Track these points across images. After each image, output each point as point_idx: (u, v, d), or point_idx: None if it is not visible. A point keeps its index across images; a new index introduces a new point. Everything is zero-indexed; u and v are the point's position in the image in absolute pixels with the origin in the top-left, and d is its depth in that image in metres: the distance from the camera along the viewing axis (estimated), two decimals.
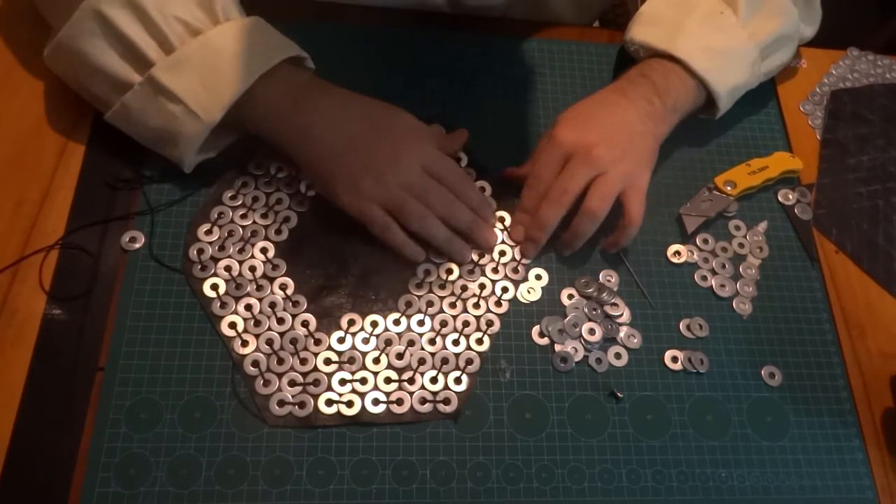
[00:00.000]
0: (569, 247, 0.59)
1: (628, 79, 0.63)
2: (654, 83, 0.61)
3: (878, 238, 0.66)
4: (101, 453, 0.48)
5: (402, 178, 0.54)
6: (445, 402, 0.53)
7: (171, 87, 0.51)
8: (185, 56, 0.51)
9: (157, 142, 0.54)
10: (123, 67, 0.52)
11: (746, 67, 0.64)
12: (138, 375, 0.51)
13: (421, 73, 0.67)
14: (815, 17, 0.69)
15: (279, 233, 0.57)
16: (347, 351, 0.54)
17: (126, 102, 0.52)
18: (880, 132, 0.73)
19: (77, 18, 0.50)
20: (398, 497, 0.50)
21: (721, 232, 0.64)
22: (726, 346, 0.59)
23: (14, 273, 0.52)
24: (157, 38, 0.51)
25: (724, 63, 0.63)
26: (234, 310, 0.54)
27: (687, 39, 0.62)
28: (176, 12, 0.51)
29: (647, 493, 0.53)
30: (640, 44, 0.64)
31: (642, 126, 0.60)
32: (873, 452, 0.57)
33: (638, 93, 0.61)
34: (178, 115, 0.52)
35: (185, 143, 0.53)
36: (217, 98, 0.51)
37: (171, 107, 0.52)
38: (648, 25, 0.65)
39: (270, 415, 0.51)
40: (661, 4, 0.66)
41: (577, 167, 0.57)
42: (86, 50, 0.51)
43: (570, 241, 0.58)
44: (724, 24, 0.63)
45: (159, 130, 0.53)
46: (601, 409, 0.55)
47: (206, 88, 0.51)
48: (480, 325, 0.56)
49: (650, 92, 0.61)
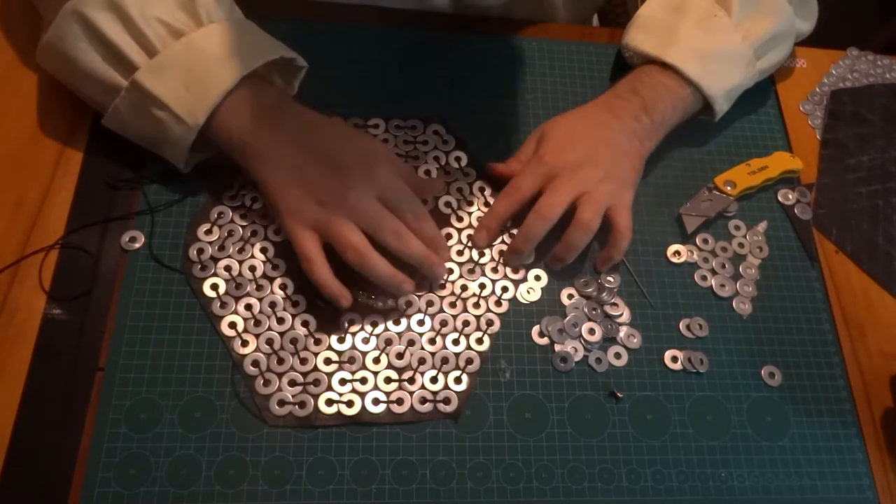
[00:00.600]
0: (561, 260, 0.58)
1: (617, 94, 0.63)
2: (642, 99, 0.61)
3: (878, 238, 0.66)
4: (101, 453, 0.48)
5: (349, 207, 0.51)
6: (445, 401, 0.53)
7: (154, 92, 0.51)
8: (167, 59, 0.51)
9: (152, 144, 0.54)
10: (108, 71, 0.51)
11: (741, 68, 0.64)
12: (138, 375, 0.51)
13: (421, 73, 0.67)
14: (811, 11, 0.69)
15: (279, 232, 0.57)
16: (347, 351, 0.54)
17: (117, 106, 0.52)
18: (880, 132, 0.73)
19: (61, 20, 0.50)
20: (398, 497, 0.50)
21: (721, 232, 0.64)
22: (726, 345, 0.59)
23: (14, 273, 0.52)
24: (139, 40, 0.51)
25: (718, 66, 0.63)
26: (234, 309, 0.54)
27: (679, 45, 0.62)
28: (158, 14, 0.51)
29: (647, 493, 0.53)
30: (634, 50, 0.65)
31: (628, 145, 0.60)
32: (873, 452, 0.57)
33: (626, 110, 0.61)
34: (164, 120, 0.51)
35: (173, 146, 0.53)
36: (201, 101, 0.51)
37: (157, 112, 0.51)
38: (643, 31, 0.65)
39: (270, 415, 0.51)
40: (656, 7, 0.66)
41: (563, 184, 0.57)
42: (71, 53, 0.51)
43: (563, 254, 0.58)
44: (718, 27, 0.63)
45: (149, 134, 0.53)
46: (601, 409, 0.55)
47: (189, 91, 0.51)
48: (480, 324, 0.56)
49: (638, 109, 0.61)
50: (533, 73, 0.69)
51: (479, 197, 0.62)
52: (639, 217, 0.62)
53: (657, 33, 0.64)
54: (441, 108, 0.65)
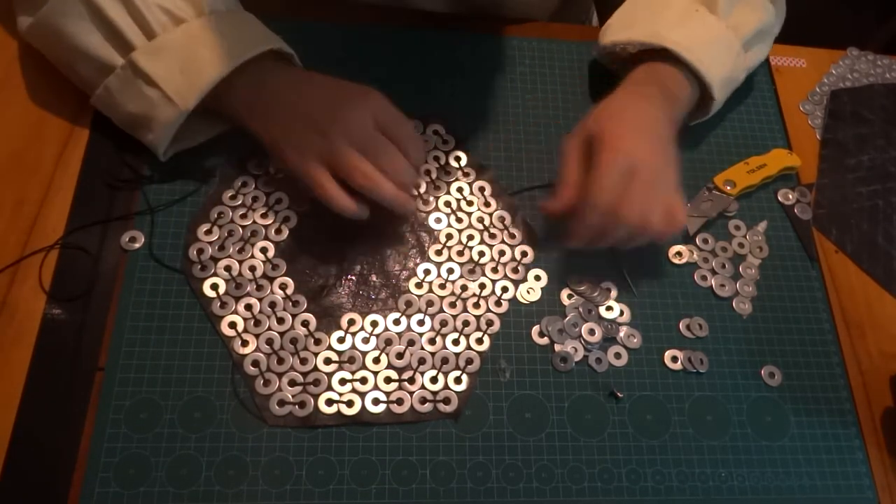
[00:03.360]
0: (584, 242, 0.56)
1: (637, 81, 0.60)
2: (664, 90, 0.59)
3: (878, 238, 0.66)
4: (101, 453, 0.48)
5: (349, 133, 0.52)
6: (445, 401, 0.53)
7: (149, 72, 0.52)
8: (166, 42, 0.52)
9: (135, 126, 0.55)
10: (106, 49, 0.52)
11: (731, 57, 0.63)
12: (138, 375, 0.51)
13: (421, 73, 0.67)
14: (781, 13, 0.68)
15: (279, 232, 0.57)
16: (347, 351, 0.54)
17: (108, 85, 0.53)
18: (880, 132, 0.73)
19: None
20: (398, 497, 0.50)
21: (721, 232, 0.64)
22: (726, 345, 0.59)
23: (14, 273, 0.52)
24: (139, 23, 0.52)
25: (709, 52, 0.61)
26: (234, 310, 0.54)
27: (673, 33, 0.60)
28: (160, 1, 0.52)
29: (647, 493, 0.53)
30: (626, 42, 0.62)
31: (670, 133, 0.58)
32: (873, 452, 0.57)
33: (657, 102, 0.58)
34: (154, 100, 0.52)
35: (159, 128, 0.53)
36: (193, 85, 0.52)
37: (148, 91, 0.52)
38: (625, 28, 0.64)
39: (270, 415, 0.51)
40: (631, 8, 0.65)
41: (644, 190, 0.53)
42: (69, 30, 0.52)
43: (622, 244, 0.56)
44: (699, 18, 0.62)
45: (136, 115, 0.53)
46: (601, 409, 0.55)
47: (183, 75, 0.52)
48: (480, 324, 0.56)
49: (664, 100, 0.59)
50: (533, 72, 0.69)
51: (479, 197, 0.62)
52: None
53: (643, 27, 0.62)
54: (441, 108, 0.65)
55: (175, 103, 0.52)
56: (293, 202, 0.58)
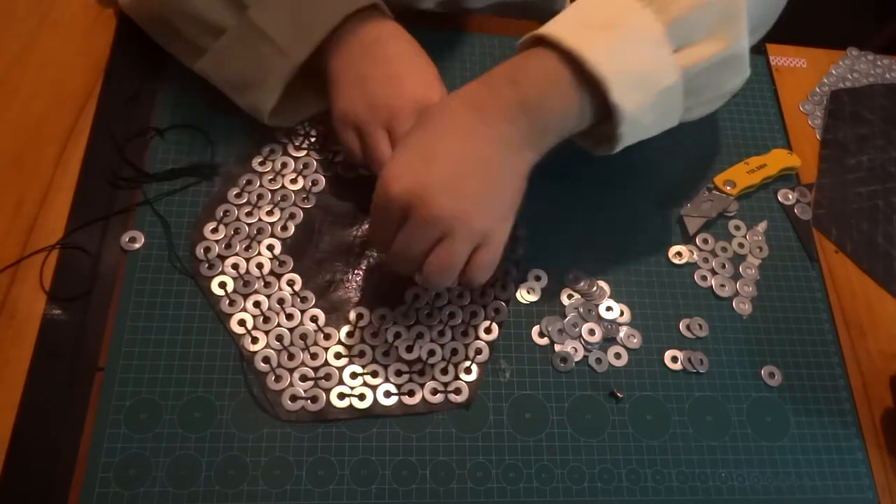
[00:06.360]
0: None
1: (490, 84, 0.48)
2: (521, 94, 0.46)
3: (878, 238, 0.66)
4: (101, 453, 0.48)
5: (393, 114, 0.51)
6: (456, 391, 0.53)
7: (262, 27, 0.52)
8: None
9: (244, 86, 0.55)
10: (218, 12, 0.53)
11: (648, 49, 0.47)
12: (138, 375, 0.51)
13: None
14: None
15: (285, 229, 0.57)
16: (357, 345, 0.54)
17: (217, 48, 0.54)
18: (880, 132, 0.73)
19: None
20: (398, 497, 0.50)
21: (721, 232, 0.64)
22: (726, 346, 0.59)
23: (14, 273, 0.52)
24: None
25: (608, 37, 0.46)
26: (243, 307, 0.54)
27: (559, 20, 0.48)
28: None
29: (647, 493, 0.53)
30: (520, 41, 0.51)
31: (499, 160, 0.46)
32: (873, 452, 0.57)
33: (498, 111, 0.46)
34: (266, 55, 0.53)
35: (271, 83, 0.53)
36: (306, 37, 0.52)
37: (261, 46, 0.53)
38: None
39: (283, 410, 0.51)
40: None
41: (414, 232, 0.45)
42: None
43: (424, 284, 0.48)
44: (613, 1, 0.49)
45: (247, 73, 0.54)
46: (601, 409, 0.55)
47: (294, 27, 0.52)
48: (488, 313, 0.56)
49: (515, 108, 0.46)
50: None
51: None
52: (639, 217, 0.62)
53: None
54: None
55: (287, 55, 0.52)
56: (298, 198, 0.58)
